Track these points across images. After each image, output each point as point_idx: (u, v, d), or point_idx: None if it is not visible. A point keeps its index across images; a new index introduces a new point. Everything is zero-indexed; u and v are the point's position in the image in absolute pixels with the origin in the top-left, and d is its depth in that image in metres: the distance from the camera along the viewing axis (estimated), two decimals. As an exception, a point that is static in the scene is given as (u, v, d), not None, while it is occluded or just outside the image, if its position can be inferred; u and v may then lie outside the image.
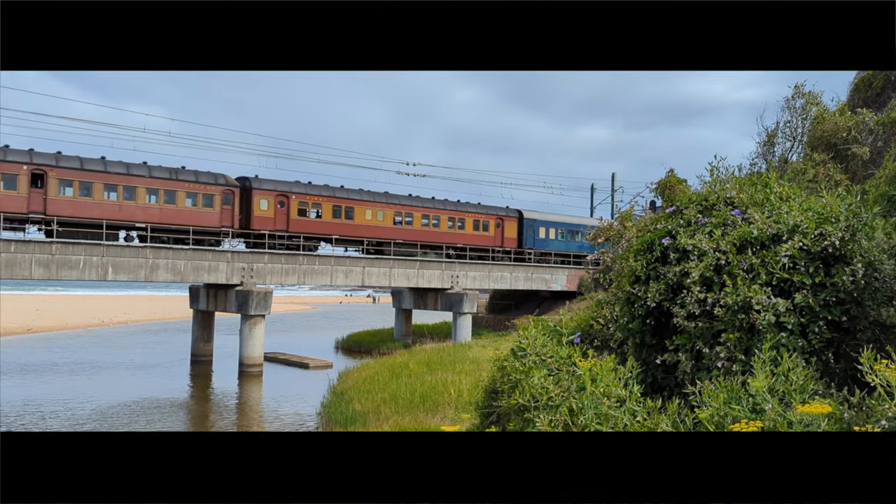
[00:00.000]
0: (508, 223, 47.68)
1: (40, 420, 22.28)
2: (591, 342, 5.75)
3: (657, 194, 13.83)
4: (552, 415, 3.78)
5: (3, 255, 28.74)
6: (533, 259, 48.56)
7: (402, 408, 19.12)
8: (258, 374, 33.39)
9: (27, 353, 38.77)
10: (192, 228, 34.08)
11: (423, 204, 43.86)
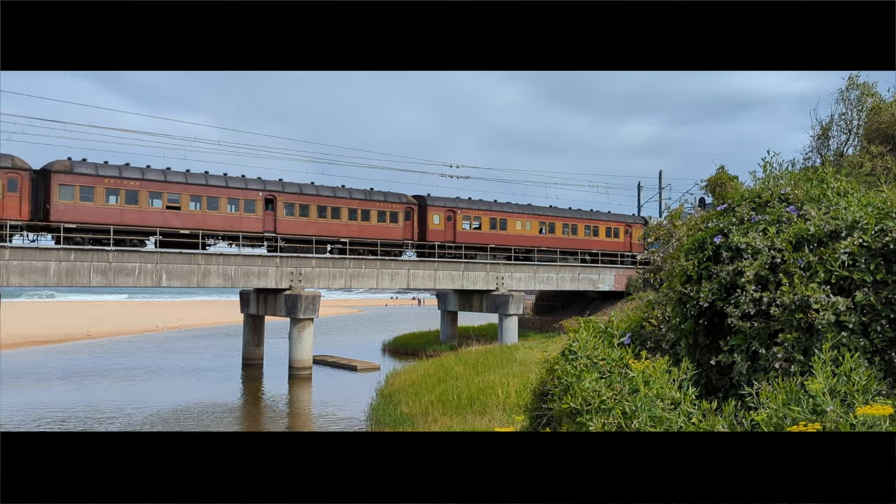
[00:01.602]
0: (636, 229, 50.86)
1: (97, 424, 22.98)
2: (643, 343, 5.67)
3: (707, 191, 13.56)
4: (605, 418, 3.74)
5: (64, 263, 29.77)
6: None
7: (450, 409, 19.15)
8: (307, 377, 33.85)
9: (88, 358, 40.05)
10: (380, 241, 39.08)
11: (563, 214, 48.02)
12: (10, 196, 28.68)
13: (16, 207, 28.84)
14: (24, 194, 29.13)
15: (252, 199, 35.07)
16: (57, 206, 29.89)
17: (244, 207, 34.82)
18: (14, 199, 28.78)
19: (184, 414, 24.56)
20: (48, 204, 29.97)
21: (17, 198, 28.84)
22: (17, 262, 28.75)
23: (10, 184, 28.74)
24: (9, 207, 28.67)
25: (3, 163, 28.85)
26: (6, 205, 28.61)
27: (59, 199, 29.93)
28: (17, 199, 28.86)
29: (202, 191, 33.73)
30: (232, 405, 27.09)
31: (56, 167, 30.27)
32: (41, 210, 30.17)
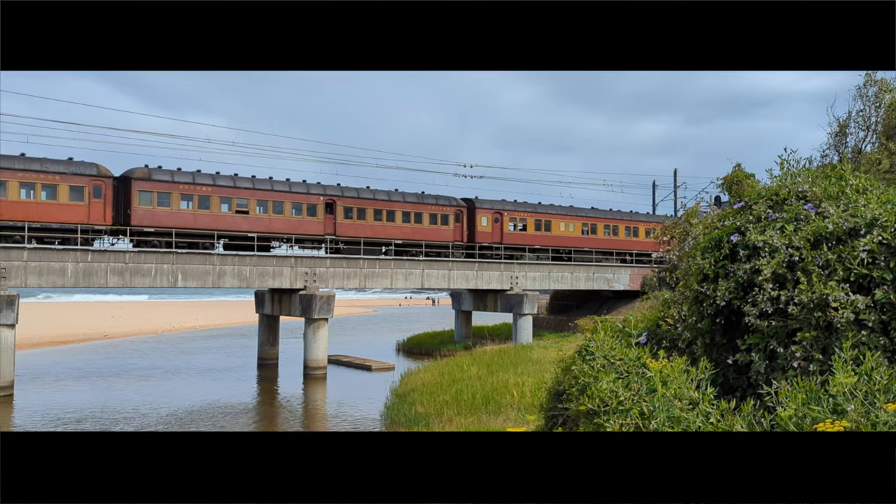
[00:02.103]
0: None
1: (113, 425, 23.18)
2: (659, 343, 5.64)
3: (723, 190, 13.44)
4: (623, 419, 3.72)
5: (81, 264, 30.06)
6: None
7: (464, 409, 19.15)
8: (322, 377, 33.97)
9: (104, 358, 40.42)
10: (432, 243, 40.83)
11: (604, 215, 49.36)
12: (95, 202, 30.74)
13: (100, 213, 30.90)
14: (107, 200, 31.16)
15: (314, 204, 36.81)
16: (137, 211, 31.83)
17: (307, 211, 36.57)
18: (99, 205, 30.88)
19: (200, 414, 24.72)
20: (129, 209, 31.83)
21: (101, 204, 30.94)
22: (35, 264, 29.08)
23: (96, 190, 30.76)
24: (94, 213, 30.74)
25: (88, 171, 30.81)
26: (92, 210, 30.66)
27: (138, 204, 31.86)
28: (101, 204, 30.96)
29: (268, 196, 35.44)
30: (247, 405, 27.25)
31: (136, 174, 32.13)
32: (122, 215, 32.02)
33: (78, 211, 30.39)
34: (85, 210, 30.52)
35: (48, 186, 29.82)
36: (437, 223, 41.13)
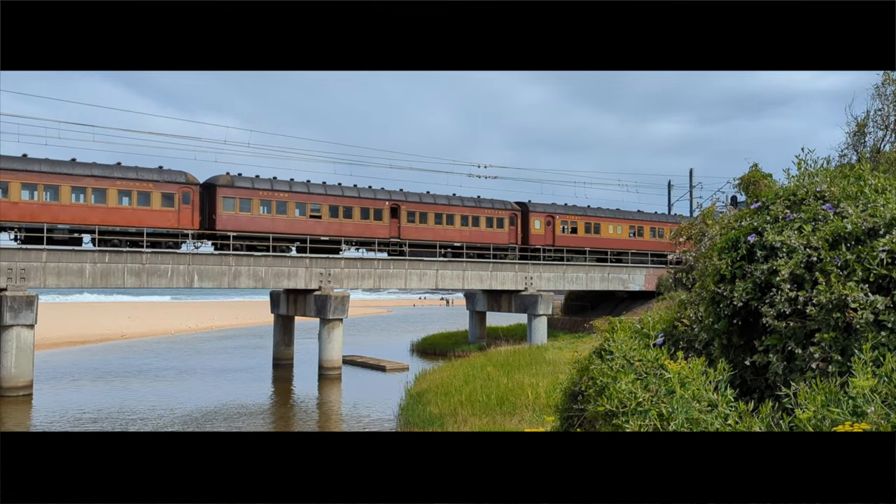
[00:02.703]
0: None
1: (130, 425, 23.38)
2: (676, 343, 5.62)
3: (740, 190, 13.33)
4: (641, 420, 3.72)
5: (99, 265, 30.35)
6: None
7: (479, 410, 19.13)
8: (337, 377, 34.08)
9: (121, 358, 40.77)
10: (491, 245, 42.63)
11: (650, 218, 50.91)
12: (184, 208, 32.88)
13: (189, 218, 33.03)
14: (194, 206, 33.28)
15: (380, 208, 38.70)
16: (221, 217, 33.85)
17: (374, 215, 38.43)
18: (188, 211, 33.03)
19: (215, 415, 24.88)
20: (214, 214, 33.86)
21: (189, 209, 33.11)
22: (53, 264, 29.39)
23: (185, 197, 32.90)
24: (183, 218, 32.85)
25: (178, 178, 32.89)
26: (181, 216, 32.76)
27: (223, 209, 33.92)
28: (190, 210, 33.12)
29: (339, 201, 37.34)
30: (263, 405, 27.39)
31: (220, 181, 34.16)
32: (207, 220, 34.04)
33: (169, 216, 32.49)
34: (175, 215, 32.62)
35: (142, 194, 31.91)
36: (493, 226, 42.87)
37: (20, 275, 28.50)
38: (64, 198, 30.24)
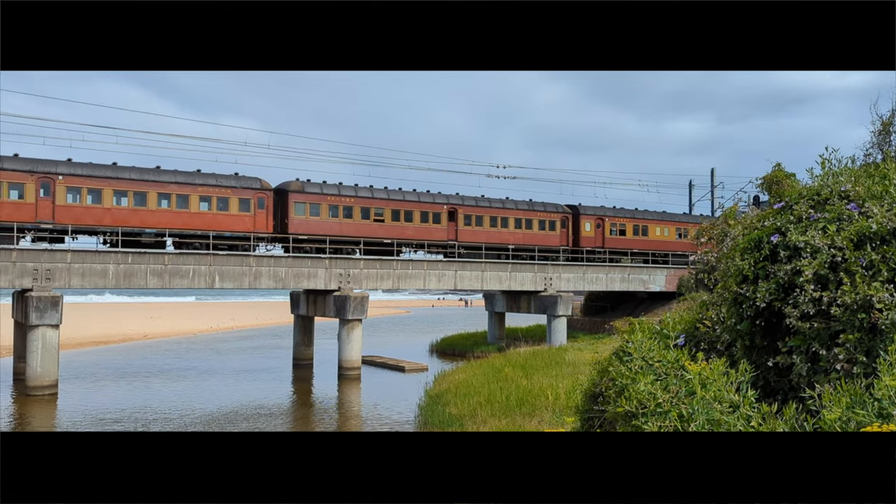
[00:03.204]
0: None
1: (151, 424, 23.61)
2: (697, 345, 5.57)
3: (762, 190, 13.16)
4: (661, 421, 3.69)
5: (122, 266, 30.71)
6: None
7: (498, 411, 19.10)
8: (356, 377, 34.19)
9: (143, 358, 41.22)
10: (541, 247, 43.81)
11: (696, 220, 50.86)
12: (259, 213, 34.54)
13: (264, 222, 34.67)
14: (269, 211, 34.94)
15: (438, 212, 40.19)
16: (293, 221, 35.47)
17: (432, 219, 39.95)
18: (262, 216, 34.69)
19: (235, 415, 25.07)
20: (286, 219, 35.48)
21: (264, 214, 34.79)
22: (77, 265, 29.79)
23: (260, 202, 34.56)
24: (259, 222, 34.44)
25: (253, 184, 34.58)
26: (257, 220, 34.39)
27: (294, 214, 35.53)
28: (264, 215, 34.79)
29: (400, 205, 38.88)
30: (283, 406, 27.55)
31: (292, 187, 35.84)
32: (280, 224, 35.61)
33: (245, 221, 34.15)
34: (251, 220, 34.27)
35: (221, 199, 33.65)
36: (545, 229, 44.07)
37: (45, 275, 28.92)
38: (151, 203, 32.04)
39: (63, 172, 30.30)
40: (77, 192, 30.67)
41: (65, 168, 30.52)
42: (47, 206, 29.95)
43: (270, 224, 35.07)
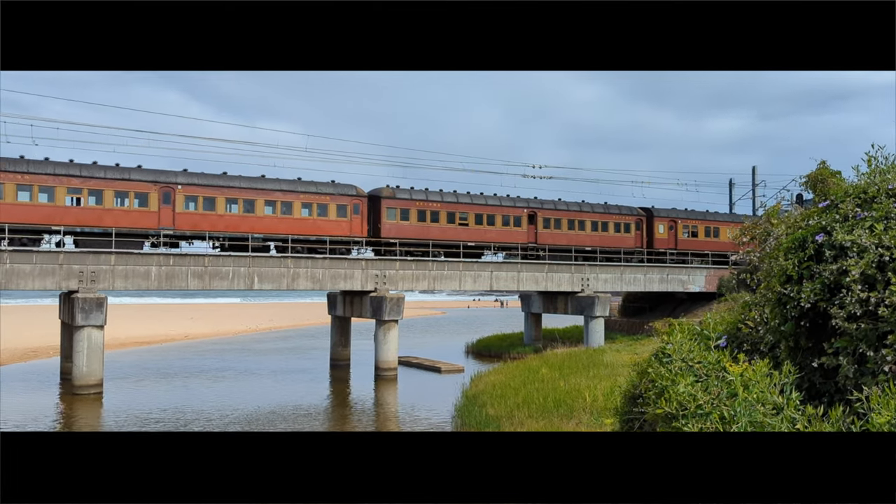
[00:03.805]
0: None
1: (191, 424, 24.03)
2: (739, 346, 5.47)
3: (807, 188, 12.86)
4: (702, 423, 3.64)
5: (164, 268, 31.34)
6: None
7: (535, 412, 19.02)
8: (393, 378, 34.35)
9: (184, 358, 41.99)
10: (616, 249, 45.11)
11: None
12: (355, 218, 36.66)
13: (359, 227, 36.78)
14: (363, 216, 36.96)
15: (519, 216, 41.63)
16: (385, 225, 37.55)
17: (513, 222, 41.43)
18: (358, 221, 36.79)
19: (273, 416, 25.38)
20: (379, 223, 37.51)
21: (360, 219, 36.87)
22: (121, 267, 30.48)
23: (355, 208, 36.69)
24: (354, 227, 36.61)
25: (349, 191, 36.72)
26: (353, 225, 36.54)
27: (386, 219, 37.58)
28: (360, 220, 36.86)
29: (483, 209, 40.51)
30: (321, 405, 27.82)
31: (384, 193, 37.85)
32: (373, 228, 37.61)
33: (342, 225, 36.25)
34: (348, 225, 36.40)
35: (321, 206, 35.78)
36: (620, 231, 45.31)
37: (90, 277, 29.66)
38: (258, 210, 34.24)
39: (181, 182, 32.65)
40: (194, 201, 32.96)
41: (183, 178, 32.81)
42: (168, 213, 32.30)
43: (365, 228, 37.07)
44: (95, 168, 31.16)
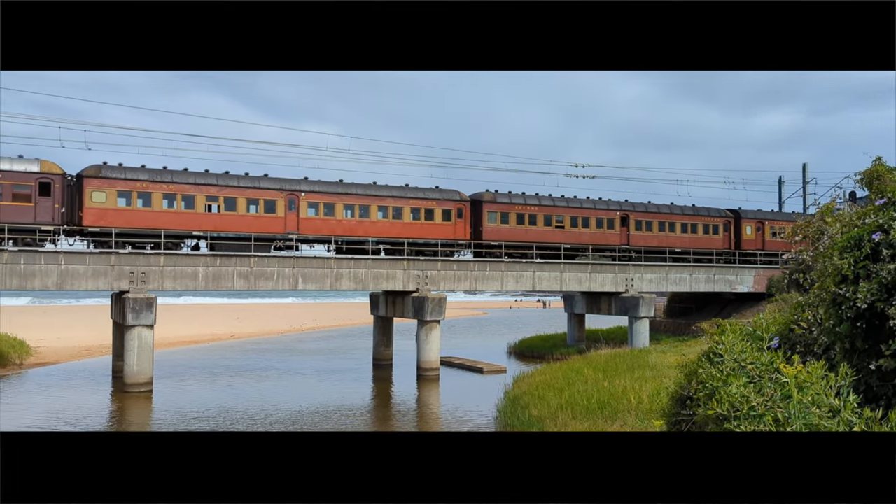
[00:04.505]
0: None
1: (236, 423, 24.43)
2: (792, 347, 5.33)
3: (862, 185, 12.44)
4: (755, 425, 3.55)
5: (211, 269, 31.97)
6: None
7: (579, 414, 18.85)
8: (435, 378, 34.43)
9: (230, 358, 42.75)
10: (705, 250, 46.01)
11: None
12: (459, 222, 38.87)
13: (462, 230, 38.98)
14: (466, 220, 39.08)
15: (612, 218, 43.08)
16: (487, 228, 39.45)
17: (607, 225, 42.89)
18: (461, 224, 38.97)
19: (316, 416, 25.66)
20: (480, 227, 39.47)
21: (462, 223, 39.04)
22: (170, 268, 31.19)
23: (459, 212, 38.82)
24: (458, 230, 38.76)
25: (454, 196, 38.72)
26: (457, 228, 38.66)
27: (487, 222, 39.51)
28: (462, 224, 39.03)
29: (578, 212, 42.07)
30: (364, 405, 28.03)
31: (485, 198, 39.70)
32: (475, 231, 39.47)
33: (447, 229, 38.24)
34: (452, 228, 38.41)
35: (428, 210, 37.91)
36: (709, 233, 46.30)
37: (141, 278, 30.42)
38: (372, 215, 36.39)
39: (304, 189, 34.81)
40: (315, 207, 35.20)
41: (306, 185, 34.97)
42: (293, 219, 34.52)
43: (468, 232, 38.94)
44: (229, 177, 33.47)
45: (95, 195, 30.57)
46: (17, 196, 29.37)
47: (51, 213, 29.80)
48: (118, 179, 30.85)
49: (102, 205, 30.63)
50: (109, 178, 30.74)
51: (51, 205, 29.85)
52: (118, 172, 30.96)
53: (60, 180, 30.14)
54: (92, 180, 30.53)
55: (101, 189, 30.62)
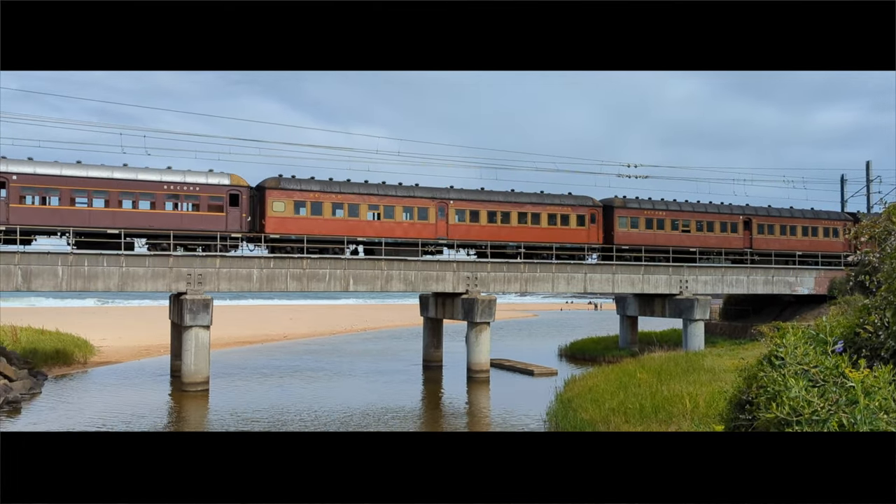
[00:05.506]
0: None
1: (288, 423, 24.78)
2: (858, 351, 5.11)
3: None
4: (819, 429, 3.40)
5: (265, 270, 32.59)
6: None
7: (632, 418, 18.56)
8: (485, 380, 34.34)
9: (282, 359, 43.46)
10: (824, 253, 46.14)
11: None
12: (591, 227, 39.78)
13: (595, 235, 39.87)
14: (598, 225, 39.99)
15: (735, 222, 43.91)
16: (618, 233, 40.64)
17: (730, 228, 43.73)
18: (594, 229, 39.90)
19: (365, 417, 25.84)
20: (612, 231, 40.71)
21: (595, 228, 39.97)
22: (226, 270, 31.90)
23: (592, 217, 39.81)
24: (591, 235, 39.65)
25: (586, 202, 39.86)
26: (590, 233, 39.64)
27: (618, 227, 40.74)
28: (596, 228, 39.91)
29: (703, 217, 43.22)
30: (414, 406, 28.14)
31: (615, 203, 41.08)
32: (606, 236, 40.69)
33: (581, 234, 39.49)
34: (585, 233, 39.61)
35: (563, 216, 39.18)
36: (829, 236, 46.81)
37: (198, 280, 31.19)
38: (512, 221, 38.04)
39: (453, 197, 36.78)
40: (462, 213, 37.11)
41: (454, 194, 36.95)
42: (443, 225, 36.66)
43: (601, 236, 40.06)
44: (387, 187, 35.69)
45: (276, 205, 33.12)
46: (212, 206, 32.05)
47: (239, 222, 32.41)
48: (294, 190, 33.39)
49: (282, 214, 33.19)
50: (287, 189, 33.25)
51: (239, 214, 32.38)
52: (294, 184, 33.49)
53: (247, 192, 32.76)
54: (273, 191, 33.00)
55: (281, 199, 33.20)
